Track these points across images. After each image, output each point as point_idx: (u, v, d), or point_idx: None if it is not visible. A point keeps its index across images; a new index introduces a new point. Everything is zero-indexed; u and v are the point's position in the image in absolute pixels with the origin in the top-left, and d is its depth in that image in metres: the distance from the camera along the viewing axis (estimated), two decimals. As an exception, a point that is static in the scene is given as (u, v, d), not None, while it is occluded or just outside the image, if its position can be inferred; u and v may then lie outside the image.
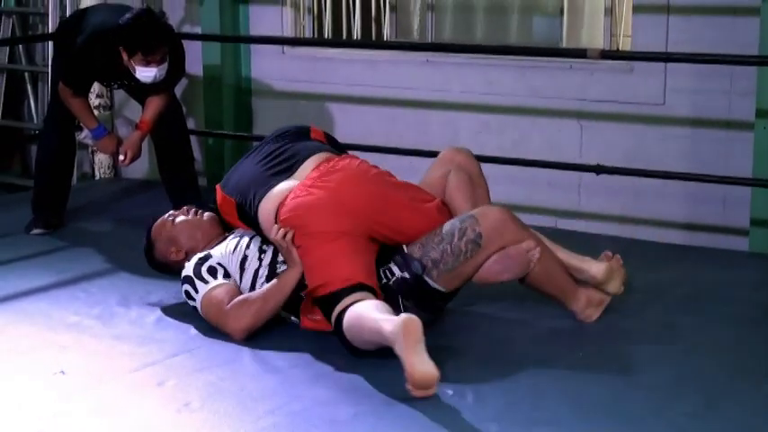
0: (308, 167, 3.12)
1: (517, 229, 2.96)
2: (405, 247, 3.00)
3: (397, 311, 2.79)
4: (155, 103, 4.24)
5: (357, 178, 3.05)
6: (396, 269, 2.98)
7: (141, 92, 4.24)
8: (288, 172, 3.12)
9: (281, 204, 3.03)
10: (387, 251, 3.02)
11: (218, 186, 3.30)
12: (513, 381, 2.71)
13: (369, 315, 2.73)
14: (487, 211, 2.98)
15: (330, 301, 2.86)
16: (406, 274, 2.96)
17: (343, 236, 2.92)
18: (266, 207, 3.06)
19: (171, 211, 3.35)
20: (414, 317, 2.60)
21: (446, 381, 2.64)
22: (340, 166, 3.10)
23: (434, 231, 2.98)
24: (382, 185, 3.07)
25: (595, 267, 3.09)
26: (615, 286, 3.16)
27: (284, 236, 2.97)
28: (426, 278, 2.95)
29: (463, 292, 3.09)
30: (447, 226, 2.97)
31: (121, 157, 4.24)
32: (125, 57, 3.92)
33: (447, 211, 3.12)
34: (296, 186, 3.05)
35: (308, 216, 2.96)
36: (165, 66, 3.97)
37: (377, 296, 2.87)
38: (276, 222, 3.03)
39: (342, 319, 2.81)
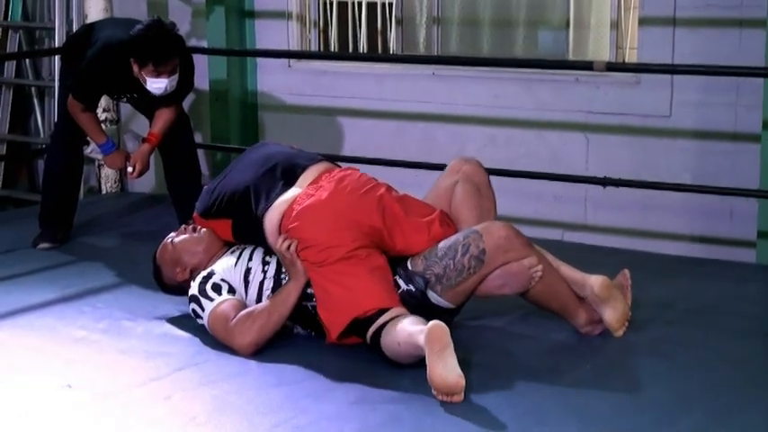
0: (309, 177, 3.13)
1: (521, 246, 2.96)
2: (409, 261, 3.01)
3: None
4: (164, 116, 4.25)
5: (358, 189, 3.06)
6: (401, 282, 2.99)
7: (150, 105, 4.26)
8: (290, 180, 3.12)
9: (285, 214, 3.04)
10: (391, 263, 3.03)
11: (196, 215, 3.30)
12: (519, 394, 2.71)
13: (403, 330, 2.76)
14: (492, 227, 2.98)
15: (360, 326, 2.89)
16: (412, 288, 2.98)
17: (357, 254, 2.93)
18: (271, 217, 3.06)
19: (170, 234, 3.36)
20: (440, 323, 2.63)
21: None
22: (342, 176, 3.11)
23: (437, 245, 2.99)
24: (381, 198, 3.08)
25: (593, 279, 3.07)
26: (611, 313, 3.04)
27: (288, 247, 2.98)
28: (430, 292, 2.96)
29: (468, 306, 3.09)
30: (450, 240, 2.98)
31: (130, 170, 4.24)
32: (136, 68, 3.93)
33: (450, 223, 3.13)
34: (300, 195, 3.06)
35: (317, 229, 2.97)
36: (176, 77, 3.98)
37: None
38: (280, 233, 3.04)
39: (379, 338, 2.83)
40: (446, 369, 2.58)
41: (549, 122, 4.77)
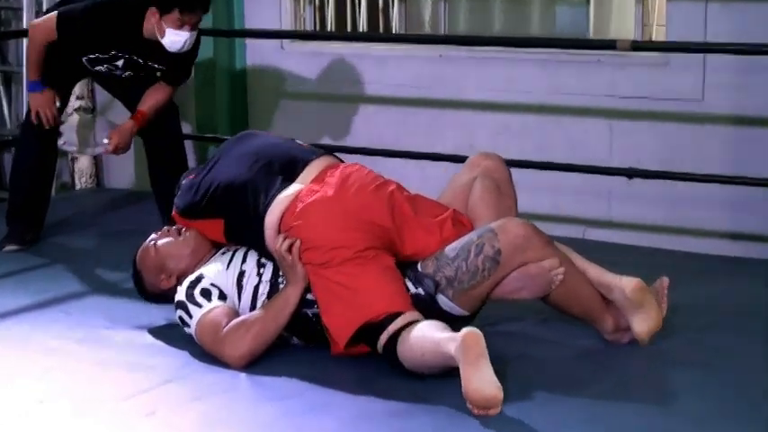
0: (312, 172, 3.13)
1: (541, 245, 2.96)
2: (419, 263, 3.01)
3: None
4: (155, 96, 4.26)
5: (366, 186, 3.07)
6: (410, 285, 2.99)
7: (139, 83, 4.24)
8: (290, 176, 3.12)
9: (287, 211, 3.03)
10: (400, 265, 3.03)
11: (177, 215, 3.29)
12: (539, 406, 2.71)
13: (429, 337, 2.76)
14: (508, 224, 2.98)
15: (369, 333, 2.89)
16: (421, 291, 2.98)
17: (365, 255, 2.93)
18: (272, 215, 3.06)
19: (152, 235, 3.35)
20: (475, 329, 2.63)
21: (458, 407, 2.64)
22: (349, 172, 3.11)
23: (450, 246, 2.99)
24: (391, 196, 3.08)
25: (626, 280, 3.06)
26: (641, 322, 3.02)
27: (289, 247, 2.98)
28: (441, 296, 2.96)
29: (482, 309, 3.09)
30: (463, 240, 2.98)
31: (105, 141, 4.24)
32: (154, 19, 3.92)
33: (465, 223, 3.13)
34: (303, 191, 3.06)
35: (322, 228, 2.97)
36: (194, 36, 3.99)
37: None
38: (280, 231, 3.04)
39: (393, 345, 2.83)
40: (482, 380, 2.59)
41: (568, 108, 4.76)
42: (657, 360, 3.03)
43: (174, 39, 3.95)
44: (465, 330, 2.63)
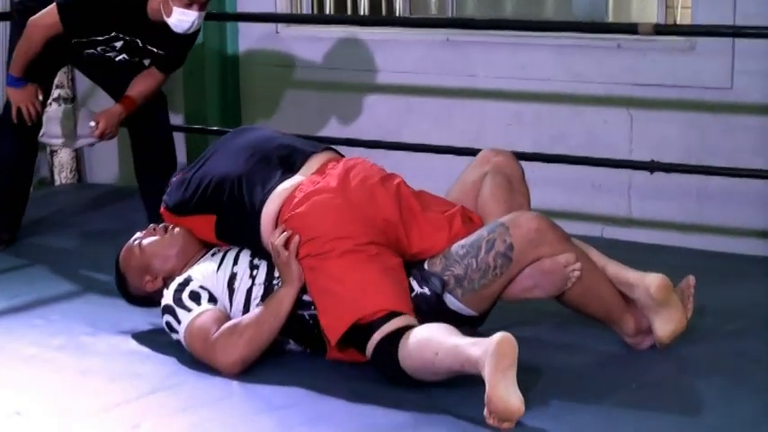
0: (313, 166, 3.15)
1: (556, 240, 2.96)
2: (426, 261, 3.01)
3: None
4: (145, 82, 4.28)
5: (375, 179, 3.07)
6: (415, 284, 2.99)
7: (130, 69, 4.26)
8: (290, 169, 3.13)
9: (285, 202, 3.04)
10: (406, 265, 3.03)
11: (166, 211, 3.30)
12: (554, 418, 2.70)
13: (446, 342, 2.74)
14: (520, 218, 2.98)
15: (363, 332, 2.88)
16: (426, 291, 2.97)
17: (367, 249, 2.93)
18: (269, 208, 3.06)
19: (137, 234, 3.34)
20: (510, 336, 2.63)
21: (470, 421, 2.64)
22: (352, 165, 3.12)
23: (459, 243, 2.99)
24: (398, 189, 3.09)
25: (650, 278, 3.04)
26: (664, 324, 3.01)
27: (285, 242, 2.97)
28: (449, 296, 2.96)
29: (492, 310, 3.08)
30: (473, 237, 2.98)
31: (92, 124, 4.25)
32: None
33: (475, 220, 3.13)
34: (303, 182, 3.07)
35: (322, 217, 2.96)
36: (202, 18, 4.02)
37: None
38: (277, 225, 3.03)
39: (388, 347, 2.82)
40: (509, 391, 2.58)
41: (585, 97, 4.76)
42: (681, 367, 3.02)
43: (182, 18, 3.98)
44: (500, 335, 2.62)
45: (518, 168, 3.28)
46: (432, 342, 2.76)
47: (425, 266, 3.00)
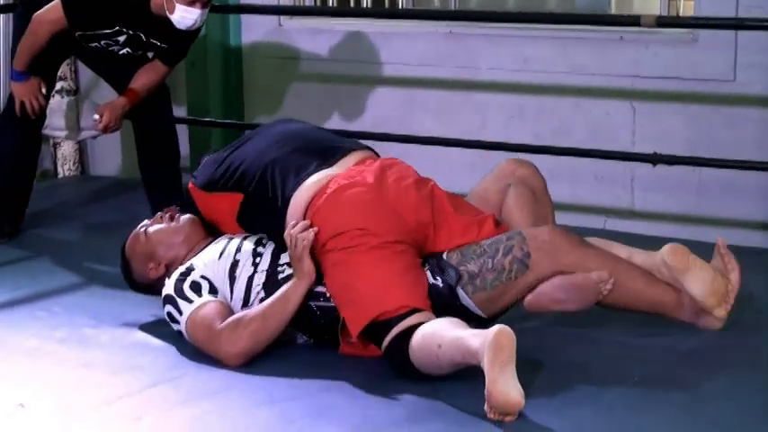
0: (351, 161, 3.16)
1: (571, 247, 2.94)
2: (445, 253, 3.02)
3: None
4: (149, 74, 4.28)
5: (410, 180, 3.09)
6: (429, 274, 3.00)
7: (133, 62, 4.26)
8: (326, 161, 3.14)
9: (317, 194, 3.03)
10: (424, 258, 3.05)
11: (193, 188, 3.31)
12: (555, 412, 2.69)
13: (448, 334, 2.75)
14: (537, 230, 3.00)
15: (382, 327, 2.88)
16: (439, 282, 2.97)
17: (393, 247, 2.94)
18: (299, 198, 3.07)
19: (144, 222, 3.36)
20: (508, 329, 2.62)
21: (476, 415, 2.63)
22: (389, 164, 3.14)
23: (477, 242, 3.00)
24: (432, 190, 3.11)
25: (663, 249, 3.00)
26: (697, 285, 2.97)
27: (303, 235, 2.97)
28: (460, 291, 2.96)
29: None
30: (493, 239, 2.99)
31: (96, 117, 4.25)
32: None
33: (504, 228, 3.12)
34: (338, 175, 3.08)
35: (354, 212, 2.97)
36: (205, 15, 4.02)
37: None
38: (305, 216, 3.03)
39: (402, 342, 2.82)
40: (508, 385, 2.58)
41: (587, 89, 4.75)
42: (683, 359, 3.01)
43: (184, 15, 3.97)
44: (497, 327, 2.62)
45: (541, 180, 3.29)
46: (435, 335, 2.77)
47: (443, 257, 3.01)
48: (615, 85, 4.69)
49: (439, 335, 2.76)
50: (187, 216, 3.32)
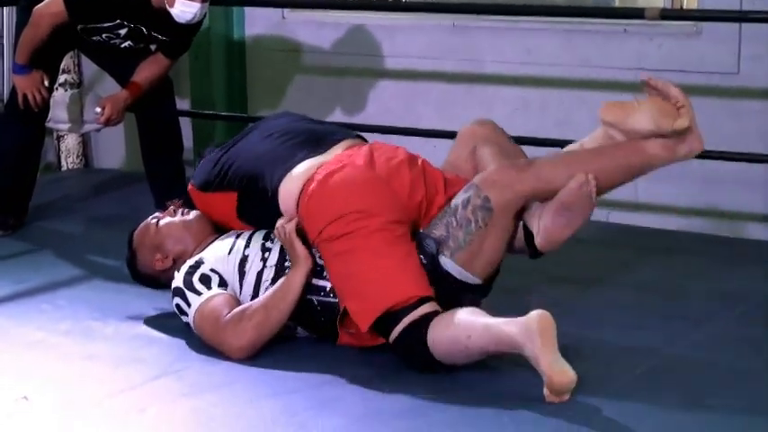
0: (339, 149, 3.13)
1: (530, 173, 2.86)
2: (422, 229, 3.01)
3: None
4: (152, 68, 4.28)
5: (401, 158, 3.07)
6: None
7: (134, 55, 4.25)
8: (316, 150, 3.12)
9: (307, 181, 3.02)
10: None
11: (192, 189, 3.30)
12: (560, 404, 2.68)
13: (476, 323, 2.74)
14: (488, 172, 2.94)
15: (392, 318, 2.86)
16: (422, 258, 2.94)
17: (393, 230, 2.91)
18: (289, 187, 3.05)
19: (156, 213, 3.36)
20: (545, 312, 2.64)
21: (479, 405, 2.63)
22: (378, 146, 3.12)
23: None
24: (424, 167, 3.09)
25: (598, 114, 2.93)
26: (645, 118, 2.85)
27: (288, 225, 2.98)
28: (442, 258, 2.92)
29: (492, 300, 3.07)
30: (453, 200, 2.96)
31: (98, 110, 4.25)
32: None
33: None
34: (327, 161, 3.06)
35: (348, 194, 2.94)
36: (205, 9, 4.02)
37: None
38: (298, 205, 3.02)
39: (416, 332, 2.81)
40: (560, 364, 2.62)
41: (592, 82, 4.74)
42: (686, 351, 3.01)
43: (184, 9, 3.97)
44: (536, 313, 2.64)
45: (504, 134, 3.22)
46: (461, 325, 2.76)
47: (420, 231, 2.99)
48: (619, 78, 4.68)
49: (465, 325, 2.75)
50: (197, 212, 3.33)
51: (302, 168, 3.07)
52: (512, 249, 3.01)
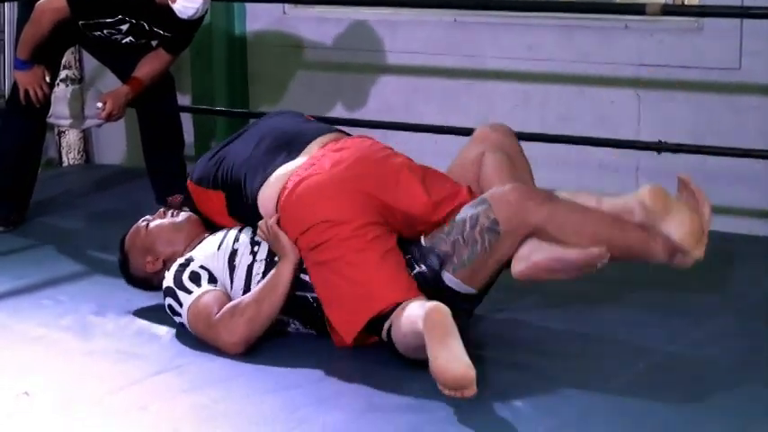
0: (313, 148, 3.13)
1: (537, 205, 2.85)
2: (422, 238, 2.99)
3: None
4: (153, 63, 4.28)
5: (368, 157, 3.05)
6: (413, 262, 2.97)
7: (137, 51, 4.26)
8: (291, 153, 3.13)
9: (284, 189, 3.03)
10: (403, 243, 3.01)
11: (190, 183, 3.32)
12: (561, 398, 2.70)
13: (407, 318, 2.75)
14: (499, 191, 2.91)
15: (376, 323, 2.87)
16: (424, 269, 2.95)
17: (365, 233, 2.90)
18: (267, 194, 3.06)
19: (146, 216, 3.38)
20: (439, 304, 2.62)
21: (479, 400, 2.63)
22: (349, 144, 3.11)
23: (448, 221, 2.96)
24: (399, 167, 3.05)
25: (641, 191, 2.88)
26: (678, 228, 2.83)
27: (270, 222, 2.99)
28: (445, 274, 2.94)
29: (494, 295, 3.07)
30: (460, 213, 2.95)
31: (99, 105, 4.25)
32: None
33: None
34: (299, 166, 3.06)
35: (316, 203, 2.95)
36: (208, 3, 4.03)
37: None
38: (277, 211, 3.03)
39: (390, 336, 2.83)
40: (449, 360, 2.55)
41: (592, 77, 4.74)
42: (686, 347, 3.01)
43: (186, 5, 3.98)
44: (429, 305, 2.62)
45: (516, 143, 3.22)
46: (403, 323, 2.77)
47: (423, 242, 2.98)
48: (620, 74, 4.68)
49: (404, 323, 2.76)
50: (187, 213, 3.34)
51: (278, 173, 3.07)
52: None
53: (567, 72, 4.78)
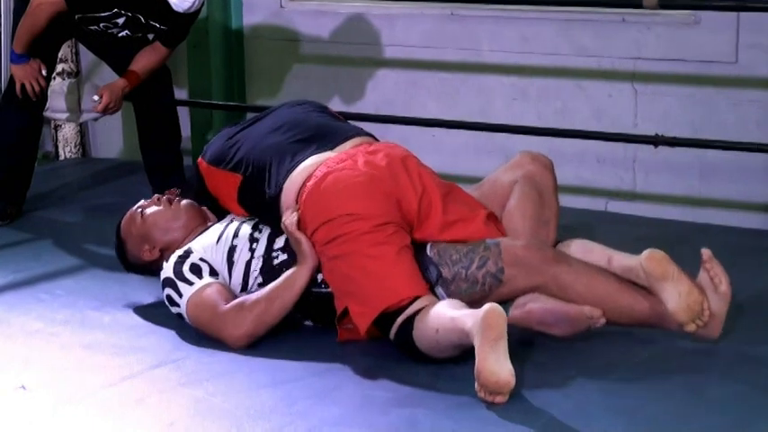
0: (347, 146, 3.13)
1: (551, 271, 2.88)
2: (428, 247, 3.00)
3: None
4: (149, 57, 4.28)
5: (399, 164, 3.05)
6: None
7: (133, 44, 4.25)
8: (321, 147, 3.11)
9: (310, 176, 3.02)
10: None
11: (202, 161, 3.29)
12: (560, 393, 2.70)
13: (444, 315, 2.75)
14: (513, 242, 2.95)
15: (389, 317, 2.87)
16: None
17: (384, 230, 2.90)
18: (293, 181, 3.05)
19: (141, 202, 3.35)
20: (498, 307, 2.61)
21: (474, 394, 2.63)
22: (381, 147, 3.12)
23: (457, 245, 2.96)
24: (422, 178, 3.06)
25: (643, 255, 2.87)
26: (672, 298, 2.82)
27: (290, 220, 2.97)
28: (438, 289, 2.95)
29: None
30: (471, 245, 2.95)
31: (95, 98, 4.24)
32: None
33: (499, 226, 3.08)
34: (329, 158, 3.05)
35: (340, 196, 2.94)
36: None
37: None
38: (297, 199, 3.02)
39: (408, 329, 2.82)
40: (498, 363, 2.57)
41: (589, 71, 4.74)
42: (685, 341, 3.00)
43: None
44: (487, 306, 2.61)
45: (551, 179, 3.18)
46: (432, 320, 2.77)
47: (428, 252, 2.99)
48: (617, 67, 4.68)
49: (435, 319, 2.76)
50: (186, 201, 3.32)
51: (308, 163, 3.07)
52: None
53: (564, 65, 4.78)
